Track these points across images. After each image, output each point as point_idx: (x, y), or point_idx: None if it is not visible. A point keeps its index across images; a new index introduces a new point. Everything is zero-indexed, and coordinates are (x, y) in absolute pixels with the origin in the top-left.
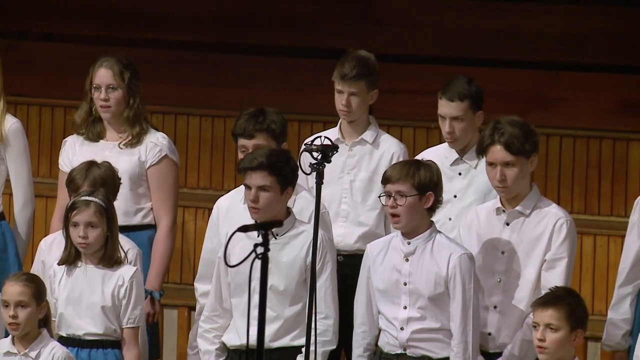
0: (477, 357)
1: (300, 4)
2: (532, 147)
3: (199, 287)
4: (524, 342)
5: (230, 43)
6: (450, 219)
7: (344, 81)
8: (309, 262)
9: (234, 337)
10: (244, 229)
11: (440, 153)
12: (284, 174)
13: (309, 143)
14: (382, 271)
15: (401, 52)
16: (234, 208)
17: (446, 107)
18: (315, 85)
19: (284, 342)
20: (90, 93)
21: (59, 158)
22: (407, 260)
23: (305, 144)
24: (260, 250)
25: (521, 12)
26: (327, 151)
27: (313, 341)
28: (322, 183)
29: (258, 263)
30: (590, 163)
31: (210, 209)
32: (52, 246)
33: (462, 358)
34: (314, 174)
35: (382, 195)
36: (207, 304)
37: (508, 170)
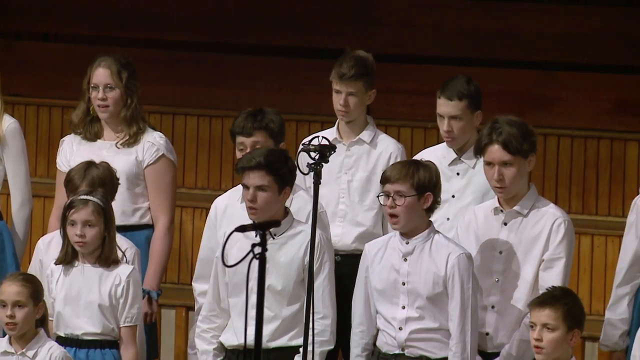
0: (475, 357)
1: (298, 4)
2: (530, 147)
3: (197, 287)
4: (522, 342)
5: (228, 43)
6: (448, 218)
7: (342, 81)
8: (307, 262)
9: (232, 337)
10: (242, 229)
11: (439, 153)
12: (281, 173)
13: (307, 143)
14: (380, 271)
15: (399, 52)
16: (232, 207)
17: (445, 106)
18: (313, 85)
19: (282, 342)
20: (88, 92)
21: (56, 158)
22: (405, 260)
23: (303, 144)
24: (257, 250)
25: (521, 12)
26: (325, 151)
27: (311, 341)
28: (320, 183)
29: (256, 263)
30: (588, 163)
31: (208, 209)
32: (50, 245)
33: (461, 358)
34: (311, 174)
35: (380, 195)
36: (204, 304)
37: (506, 170)
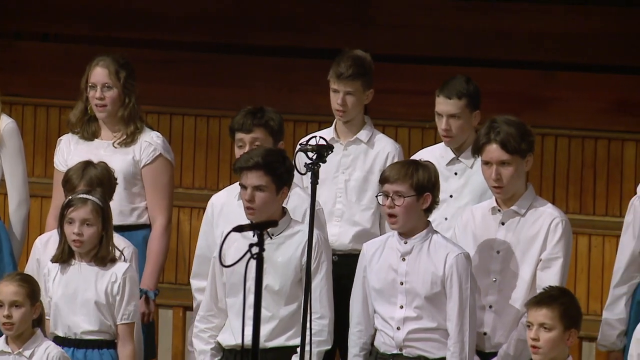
0: (473, 357)
1: (296, 5)
2: (528, 147)
3: (195, 284)
4: (519, 341)
5: (226, 43)
6: (446, 218)
7: (340, 80)
8: (304, 262)
9: (229, 337)
10: (239, 229)
11: (437, 153)
12: (279, 173)
13: (304, 143)
14: (378, 270)
15: (397, 52)
16: (229, 205)
17: (444, 105)
18: (310, 85)
19: (279, 342)
20: (86, 92)
21: (54, 157)
22: (403, 259)
23: (301, 144)
24: (255, 250)
25: (520, 12)
26: (322, 151)
27: (308, 341)
28: (317, 183)
29: (253, 263)
30: (586, 163)
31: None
32: (47, 244)
33: (459, 358)
34: (309, 174)
35: (379, 195)
36: (202, 304)
37: (503, 170)
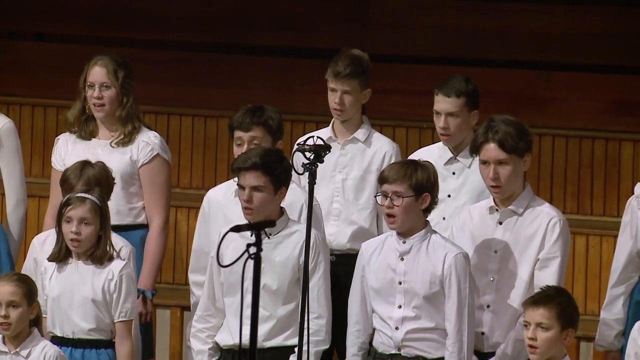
0: (472, 357)
1: (295, 5)
2: (526, 146)
3: (191, 277)
4: (517, 341)
5: (223, 43)
6: (444, 218)
7: (338, 79)
8: (302, 262)
9: (227, 337)
10: (237, 229)
11: (435, 152)
12: (277, 173)
13: (302, 143)
14: (377, 270)
15: (396, 52)
16: (226, 201)
17: (442, 103)
18: (308, 85)
19: (277, 341)
20: (84, 91)
21: (51, 156)
22: (402, 259)
23: (298, 144)
24: (253, 250)
25: (519, 12)
26: (320, 151)
27: (306, 341)
28: (315, 183)
29: (251, 263)
30: (583, 163)
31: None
32: (44, 243)
33: (457, 358)
34: (306, 173)
35: (378, 195)
36: (200, 304)
37: (501, 169)
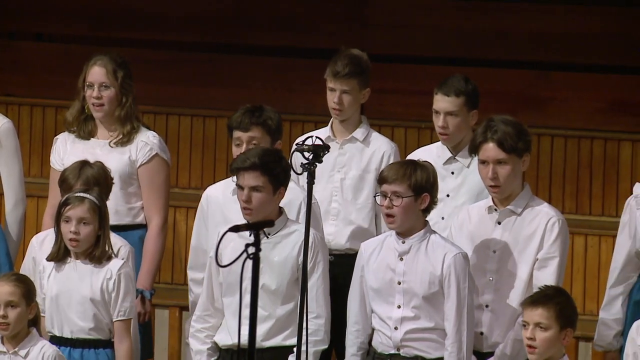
0: (471, 357)
1: (295, 5)
2: (525, 146)
3: (190, 274)
4: (516, 341)
5: (222, 43)
6: (443, 218)
7: (336, 79)
8: (301, 262)
9: (226, 337)
10: (236, 229)
11: (433, 152)
12: (276, 174)
13: (301, 143)
14: (376, 270)
15: (396, 52)
16: (224, 199)
17: (441, 102)
18: (308, 85)
19: (276, 341)
20: (83, 91)
21: (50, 156)
22: (401, 259)
23: (297, 144)
24: (251, 250)
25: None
26: (319, 151)
27: (304, 341)
28: (314, 183)
29: (249, 262)
30: (582, 163)
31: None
32: (43, 243)
33: (457, 358)
34: (305, 173)
35: (377, 195)
36: (198, 304)
37: (500, 169)
